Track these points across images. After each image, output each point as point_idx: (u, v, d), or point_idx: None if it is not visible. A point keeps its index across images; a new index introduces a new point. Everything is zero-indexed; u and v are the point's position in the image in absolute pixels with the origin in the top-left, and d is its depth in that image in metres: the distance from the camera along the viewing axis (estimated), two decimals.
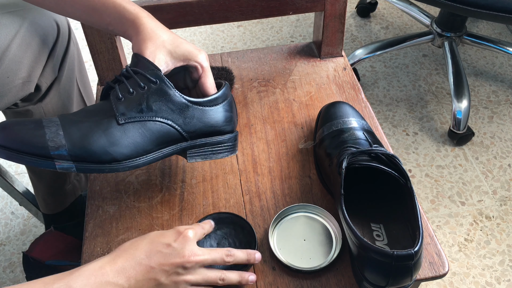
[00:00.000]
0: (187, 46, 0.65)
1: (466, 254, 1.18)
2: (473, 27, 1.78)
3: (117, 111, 0.60)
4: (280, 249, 0.66)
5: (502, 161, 1.36)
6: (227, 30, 1.80)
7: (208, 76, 0.66)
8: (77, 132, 0.59)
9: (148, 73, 0.61)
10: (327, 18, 0.88)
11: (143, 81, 0.61)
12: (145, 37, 0.63)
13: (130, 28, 0.64)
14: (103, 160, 0.59)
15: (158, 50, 0.62)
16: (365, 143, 0.69)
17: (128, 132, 0.60)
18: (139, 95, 0.61)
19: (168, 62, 0.63)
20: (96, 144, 0.58)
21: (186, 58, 0.64)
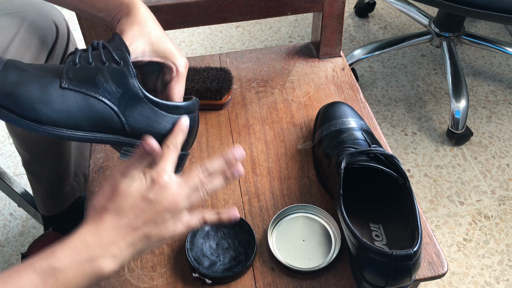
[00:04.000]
0: (172, 46, 0.62)
1: (465, 254, 1.18)
2: (471, 27, 1.78)
3: (65, 74, 0.55)
4: (279, 249, 0.66)
5: (501, 160, 1.37)
6: (225, 31, 1.80)
7: (179, 83, 0.62)
8: (15, 76, 0.54)
9: (115, 52, 0.57)
10: (325, 19, 0.88)
11: (106, 57, 0.57)
12: (134, 20, 0.60)
13: (122, 11, 0.62)
14: (26, 115, 0.53)
15: (141, 37, 0.60)
16: (364, 143, 0.69)
17: (66, 99, 0.54)
18: (97, 68, 0.56)
19: (145, 52, 0.60)
20: (26, 95, 0.53)
21: (165, 56, 0.62)
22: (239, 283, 0.64)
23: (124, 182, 0.52)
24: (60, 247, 0.49)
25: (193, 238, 0.66)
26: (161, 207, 0.52)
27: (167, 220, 0.53)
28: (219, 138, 0.81)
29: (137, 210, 0.51)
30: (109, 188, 0.52)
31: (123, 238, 0.51)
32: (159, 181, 0.52)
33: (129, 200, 0.51)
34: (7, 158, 1.43)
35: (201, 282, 0.64)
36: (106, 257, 0.50)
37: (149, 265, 0.66)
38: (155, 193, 0.52)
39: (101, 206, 0.52)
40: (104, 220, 0.51)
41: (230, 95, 0.86)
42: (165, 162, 0.54)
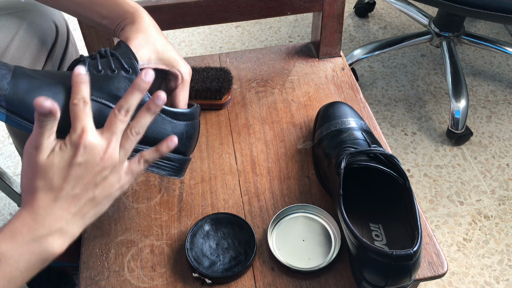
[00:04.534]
0: (176, 55, 0.63)
1: (465, 254, 1.18)
2: (471, 27, 1.78)
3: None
4: (279, 249, 0.66)
5: (501, 160, 1.37)
6: (225, 31, 1.80)
7: (184, 90, 0.64)
8: (25, 84, 0.54)
9: (124, 60, 0.58)
10: (325, 18, 0.88)
11: (116, 65, 0.58)
12: (139, 28, 0.61)
13: (127, 19, 0.63)
14: None
15: (147, 45, 0.61)
16: (364, 143, 0.69)
17: None
18: (106, 76, 0.57)
19: (151, 60, 0.61)
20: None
21: (170, 64, 0.63)
22: (239, 283, 0.64)
23: (40, 155, 0.48)
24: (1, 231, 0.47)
25: (193, 238, 0.67)
26: (96, 167, 0.49)
27: (107, 176, 0.50)
28: (219, 138, 0.81)
29: (70, 178, 0.48)
30: (28, 166, 0.49)
31: (66, 210, 0.49)
32: (82, 142, 0.48)
33: (55, 171, 0.48)
34: (7, 158, 1.43)
35: (201, 282, 0.64)
36: (52, 234, 0.48)
37: (149, 265, 0.66)
38: (83, 155, 0.48)
39: (29, 186, 0.49)
40: (37, 199, 0.48)
41: (230, 95, 0.86)
42: (81, 120, 0.49)
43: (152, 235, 0.69)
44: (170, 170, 0.61)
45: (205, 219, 0.68)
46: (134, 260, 0.67)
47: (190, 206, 0.72)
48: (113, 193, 0.52)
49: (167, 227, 0.70)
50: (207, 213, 0.71)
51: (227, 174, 0.76)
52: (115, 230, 0.70)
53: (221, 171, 0.76)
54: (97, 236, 0.70)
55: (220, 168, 0.77)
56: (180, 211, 0.72)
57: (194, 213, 0.72)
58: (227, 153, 0.79)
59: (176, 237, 0.69)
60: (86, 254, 0.68)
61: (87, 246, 0.69)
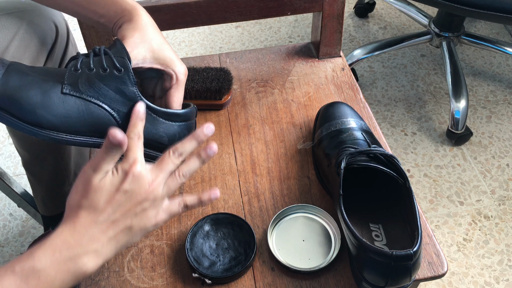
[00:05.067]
0: (172, 54, 0.63)
1: (465, 254, 1.18)
2: (471, 27, 1.78)
3: (67, 79, 0.56)
4: (279, 249, 0.66)
5: (501, 160, 1.37)
6: (225, 31, 1.80)
7: (179, 90, 0.63)
8: (17, 80, 0.54)
9: (116, 59, 0.57)
10: (325, 19, 0.88)
11: (108, 63, 0.57)
12: (136, 27, 0.61)
13: (125, 16, 0.62)
14: (27, 119, 0.54)
15: (142, 44, 0.60)
16: (364, 144, 0.69)
17: (66, 104, 0.55)
18: (98, 75, 0.57)
19: (146, 59, 0.61)
20: (28, 100, 0.54)
21: (165, 64, 0.62)
22: (239, 283, 0.64)
23: (96, 177, 0.50)
24: (40, 248, 0.48)
25: (193, 238, 0.66)
26: (139, 196, 0.51)
27: (147, 209, 0.52)
28: (219, 138, 0.81)
29: (114, 203, 0.50)
30: (82, 184, 0.51)
31: (104, 233, 0.50)
32: (132, 171, 0.51)
33: (103, 194, 0.50)
34: (7, 158, 1.43)
35: (201, 282, 0.64)
36: (88, 254, 0.49)
37: (149, 265, 0.66)
38: (130, 183, 0.51)
39: (76, 203, 0.51)
40: (80, 217, 0.50)
41: (230, 95, 0.86)
42: (134, 152, 0.52)
43: (152, 235, 0.69)
44: None
45: (205, 219, 0.68)
46: (134, 260, 0.67)
47: None
48: (148, 226, 0.53)
49: (167, 227, 0.70)
50: (207, 213, 0.71)
51: (227, 174, 0.76)
52: None
53: (221, 171, 0.76)
54: None
55: (220, 168, 0.77)
56: None
57: (194, 213, 0.72)
58: (227, 153, 0.79)
59: (176, 237, 0.69)
60: None
61: None
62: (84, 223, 0.50)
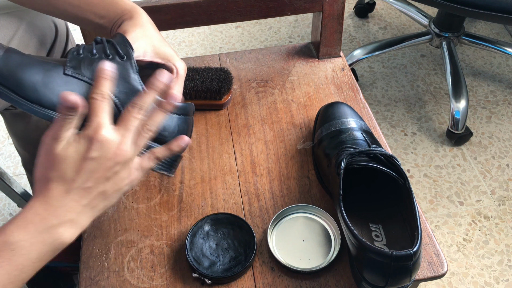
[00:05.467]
0: (172, 51, 0.64)
1: (464, 254, 1.18)
2: (471, 27, 1.78)
3: (69, 61, 0.56)
4: (279, 249, 0.66)
5: (500, 161, 1.37)
6: (225, 31, 1.80)
7: (178, 84, 0.63)
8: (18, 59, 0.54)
9: (120, 47, 0.58)
10: (325, 19, 0.88)
11: (111, 51, 0.58)
12: (137, 23, 0.62)
13: (125, 15, 0.63)
14: (28, 96, 0.53)
15: (143, 38, 0.61)
16: (364, 144, 0.69)
17: (68, 85, 0.55)
18: (100, 59, 0.57)
19: (147, 53, 0.61)
20: (29, 77, 0.53)
21: (166, 58, 0.63)
22: (239, 283, 0.64)
23: (57, 146, 0.49)
24: (12, 223, 0.48)
25: (193, 238, 0.66)
26: (108, 162, 0.50)
27: (119, 171, 0.51)
28: (218, 138, 0.81)
29: (83, 171, 0.49)
30: (45, 155, 0.50)
31: (77, 202, 0.49)
32: (96, 137, 0.49)
33: (70, 163, 0.49)
34: (7, 158, 1.43)
35: (201, 282, 0.64)
36: (63, 224, 0.49)
37: (148, 265, 0.66)
38: (97, 150, 0.49)
39: (43, 176, 0.50)
40: (50, 189, 0.49)
41: (230, 95, 0.86)
42: (97, 115, 0.50)
43: (152, 235, 0.69)
44: (159, 164, 0.60)
45: (205, 220, 0.68)
46: (134, 260, 0.67)
47: (190, 206, 0.72)
48: (123, 187, 0.53)
49: (167, 227, 0.70)
50: (207, 213, 0.71)
51: (227, 175, 0.76)
52: (115, 231, 0.70)
53: (221, 172, 0.76)
54: (97, 236, 0.70)
55: (220, 169, 0.77)
56: (180, 212, 0.72)
57: (194, 213, 0.71)
58: (227, 153, 0.79)
59: (176, 237, 0.69)
60: (86, 255, 0.68)
61: (87, 247, 0.69)
62: (55, 194, 0.49)
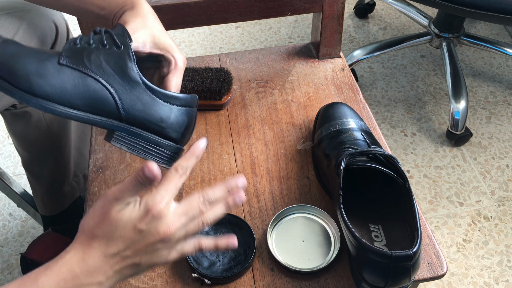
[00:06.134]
0: (172, 42, 0.63)
1: (464, 255, 1.18)
2: (471, 28, 1.78)
3: (64, 51, 0.55)
4: (278, 250, 0.66)
5: (500, 161, 1.37)
6: (225, 31, 1.80)
7: (177, 75, 0.62)
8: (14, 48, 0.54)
9: (117, 36, 0.57)
10: (325, 19, 0.88)
11: (108, 40, 0.57)
12: (138, 13, 0.61)
13: (126, 6, 0.63)
14: (21, 85, 0.53)
15: (144, 28, 0.60)
16: (364, 144, 0.69)
17: (62, 75, 0.54)
18: (97, 49, 0.56)
19: (147, 43, 0.61)
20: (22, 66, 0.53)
21: (165, 49, 0.62)
22: (239, 283, 0.64)
23: (116, 207, 0.48)
24: (45, 273, 0.47)
25: None
26: (153, 238, 0.49)
27: (160, 249, 0.50)
28: (218, 139, 0.81)
29: (128, 239, 0.49)
30: (100, 211, 0.49)
31: (111, 267, 0.49)
32: (153, 211, 0.48)
33: (119, 228, 0.48)
34: (6, 158, 1.43)
35: (201, 282, 0.64)
36: (92, 285, 0.48)
37: None
38: (148, 223, 0.48)
39: (90, 231, 0.49)
40: (92, 247, 0.48)
41: (230, 95, 0.86)
42: (166, 189, 0.50)
43: None
44: (159, 157, 0.59)
45: None
46: None
47: None
48: (157, 263, 0.52)
49: None
50: None
51: (227, 175, 0.76)
52: None
53: (220, 172, 0.76)
54: None
55: (219, 169, 0.77)
56: None
57: None
58: (226, 153, 0.79)
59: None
60: None
61: None
62: (95, 254, 0.48)
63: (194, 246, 0.54)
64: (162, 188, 0.50)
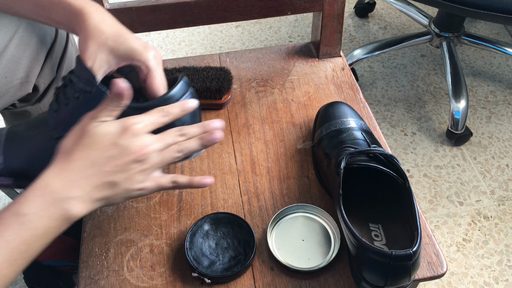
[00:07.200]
0: (132, 43, 0.58)
1: (464, 254, 1.18)
2: (471, 27, 1.78)
3: (51, 125, 0.57)
4: (278, 249, 0.66)
5: (500, 161, 1.37)
6: (225, 30, 1.79)
7: (155, 77, 0.59)
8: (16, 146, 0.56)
9: (82, 82, 0.56)
10: (325, 18, 0.88)
11: (77, 91, 0.57)
12: (87, 35, 0.58)
13: (76, 25, 0.59)
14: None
15: (100, 49, 0.57)
16: (364, 143, 0.69)
17: None
18: (74, 107, 0.57)
19: (111, 62, 0.58)
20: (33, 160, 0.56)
21: (130, 57, 0.58)
22: (238, 282, 0.64)
23: (93, 124, 0.51)
24: (23, 194, 0.48)
25: (193, 237, 0.66)
26: (131, 155, 0.51)
27: (135, 170, 0.52)
28: None
29: (105, 153, 0.50)
30: (78, 130, 0.52)
31: (89, 180, 0.50)
32: (131, 128, 0.51)
33: (97, 140, 0.50)
34: None
35: (200, 281, 0.64)
36: (72, 199, 0.49)
37: (148, 264, 0.66)
38: (126, 139, 0.51)
39: (69, 148, 0.51)
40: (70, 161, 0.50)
41: (230, 94, 0.86)
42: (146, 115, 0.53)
43: (152, 235, 0.69)
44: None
45: (204, 219, 0.68)
46: (134, 259, 0.67)
47: (190, 205, 0.72)
48: (133, 189, 0.53)
49: (167, 227, 0.70)
50: (207, 213, 0.71)
51: (227, 174, 0.76)
52: (115, 230, 0.70)
53: (220, 171, 0.76)
54: (96, 235, 0.70)
55: (219, 168, 0.77)
56: (180, 211, 0.72)
57: (193, 212, 0.71)
58: (226, 152, 0.79)
59: (175, 236, 0.69)
60: (85, 254, 0.68)
61: (87, 246, 0.69)
62: (73, 167, 0.50)
63: (170, 179, 0.55)
64: (144, 114, 0.53)
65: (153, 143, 0.52)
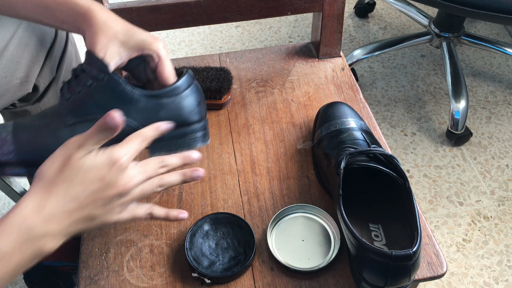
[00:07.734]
0: (142, 35, 0.61)
1: (464, 254, 1.18)
2: (471, 27, 1.78)
3: (64, 112, 0.57)
4: (278, 249, 0.66)
5: (500, 161, 1.37)
6: (225, 31, 1.80)
7: (165, 65, 0.61)
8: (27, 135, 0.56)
9: (94, 70, 0.57)
10: (325, 19, 0.88)
11: (90, 78, 0.58)
12: (97, 30, 0.59)
13: (82, 23, 0.61)
14: None
15: (110, 42, 0.59)
16: (363, 144, 0.69)
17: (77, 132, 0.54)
18: (87, 94, 0.57)
19: (122, 54, 0.60)
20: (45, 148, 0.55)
21: (141, 48, 0.61)
22: (238, 283, 0.64)
23: (78, 154, 0.49)
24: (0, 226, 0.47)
25: (192, 237, 0.66)
26: (114, 190, 0.50)
27: (115, 204, 0.51)
28: (218, 138, 0.81)
29: (89, 187, 0.49)
30: (62, 157, 0.49)
31: (68, 217, 0.49)
32: (118, 162, 0.50)
33: (81, 173, 0.49)
34: None
35: (200, 282, 0.64)
36: (47, 236, 0.48)
37: (148, 264, 0.66)
38: (112, 173, 0.50)
39: (50, 177, 0.49)
40: (51, 193, 0.48)
41: (230, 95, 0.86)
42: (129, 144, 0.52)
43: (152, 235, 0.69)
44: (194, 141, 0.62)
45: (204, 219, 0.68)
46: (134, 259, 0.67)
47: (190, 206, 0.72)
48: (109, 221, 0.52)
49: (167, 227, 0.70)
50: (207, 213, 0.71)
51: (227, 174, 0.76)
52: (115, 230, 0.70)
53: (220, 171, 0.76)
54: (96, 235, 0.70)
55: (219, 168, 0.77)
56: None
57: (193, 213, 0.71)
58: (226, 153, 0.79)
59: (175, 237, 0.69)
60: (85, 254, 0.68)
61: (87, 246, 0.69)
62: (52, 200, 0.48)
63: (145, 211, 0.55)
64: (126, 144, 0.52)
65: (137, 176, 0.52)
